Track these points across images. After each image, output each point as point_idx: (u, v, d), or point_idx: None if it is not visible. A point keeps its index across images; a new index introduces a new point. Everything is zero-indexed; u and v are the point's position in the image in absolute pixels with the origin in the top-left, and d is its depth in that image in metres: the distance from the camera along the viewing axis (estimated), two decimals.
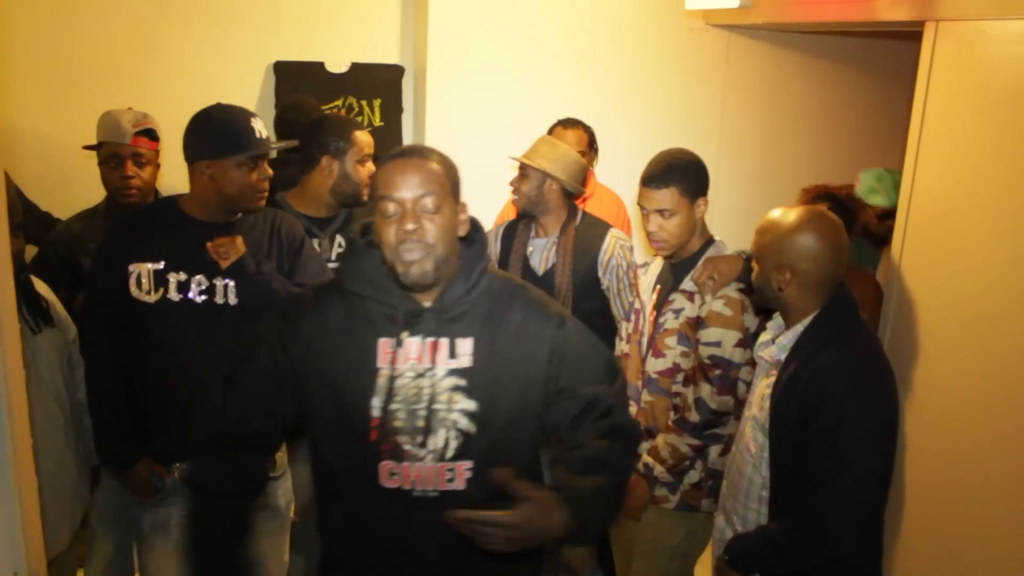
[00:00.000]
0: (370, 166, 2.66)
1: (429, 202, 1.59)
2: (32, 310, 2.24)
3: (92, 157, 2.78)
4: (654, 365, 2.39)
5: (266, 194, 2.31)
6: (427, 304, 1.66)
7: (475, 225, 1.74)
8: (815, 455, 1.88)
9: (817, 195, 2.82)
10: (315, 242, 2.59)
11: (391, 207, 1.59)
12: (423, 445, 1.64)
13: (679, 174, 2.30)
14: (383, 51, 3.80)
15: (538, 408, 1.72)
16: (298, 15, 3.64)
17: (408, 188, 1.59)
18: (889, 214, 3.11)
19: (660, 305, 2.41)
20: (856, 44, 4.19)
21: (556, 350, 1.70)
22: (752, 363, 2.28)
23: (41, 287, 2.34)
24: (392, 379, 1.64)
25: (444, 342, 1.66)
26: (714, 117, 4.03)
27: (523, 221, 3.00)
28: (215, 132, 2.23)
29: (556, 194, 2.90)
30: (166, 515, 2.34)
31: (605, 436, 1.70)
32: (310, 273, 2.41)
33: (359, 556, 1.74)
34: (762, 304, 2.10)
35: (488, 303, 1.70)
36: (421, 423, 1.64)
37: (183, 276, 2.23)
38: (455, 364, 1.65)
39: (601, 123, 3.47)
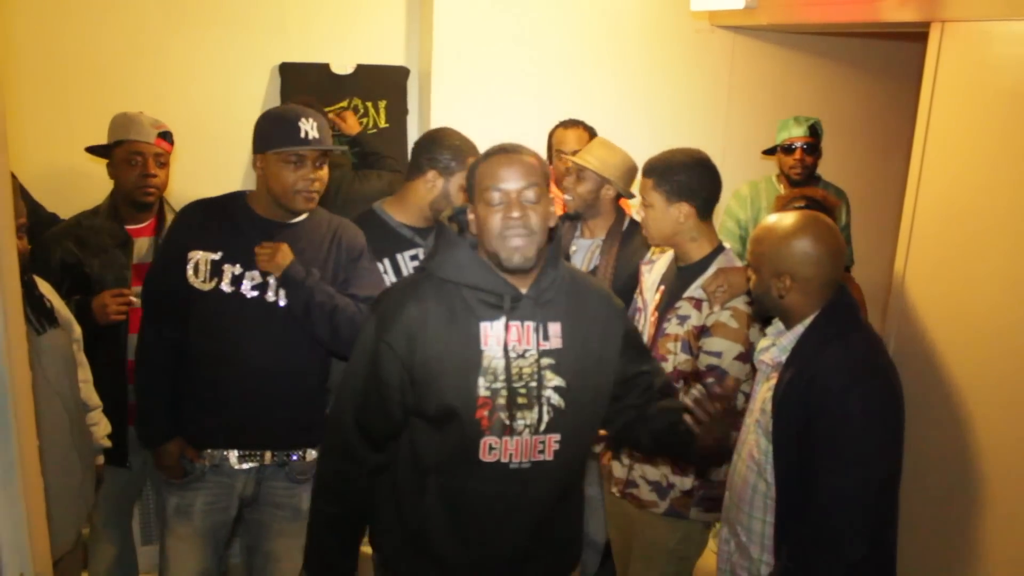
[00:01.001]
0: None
1: (531, 193, 1.75)
2: (36, 311, 2.24)
3: (98, 159, 2.78)
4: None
5: (314, 195, 2.33)
6: (523, 290, 1.81)
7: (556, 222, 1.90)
8: (819, 455, 1.87)
9: (792, 198, 2.80)
10: (419, 252, 2.62)
11: (496, 196, 1.74)
12: (522, 420, 1.79)
13: (661, 169, 2.34)
14: (388, 53, 3.80)
15: (610, 386, 1.92)
16: (303, 17, 3.64)
17: (513, 180, 1.74)
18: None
19: (665, 308, 2.39)
20: (862, 45, 4.18)
21: (626, 338, 1.94)
22: (751, 374, 2.27)
23: (44, 287, 2.34)
24: (496, 360, 1.78)
25: (539, 325, 1.81)
26: (719, 118, 4.02)
27: (568, 220, 2.99)
28: (266, 127, 2.31)
29: (610, 198, 2.91)
30: (191, 499, 2.39)
31: (666, 395, 2.02)
32: (365, 285, 2.41)
33: (451, 528, 1.87)
34: (762, 312, 2.09)
35: (567, 290, 1.87)
36: (521, 400, 1.78)
37: (238, 269, 2.30)
38: (548, 345, 1.81)
39: (606, 124, 3.47)
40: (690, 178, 2.32)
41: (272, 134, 2.29)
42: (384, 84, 3.78)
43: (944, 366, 2.69)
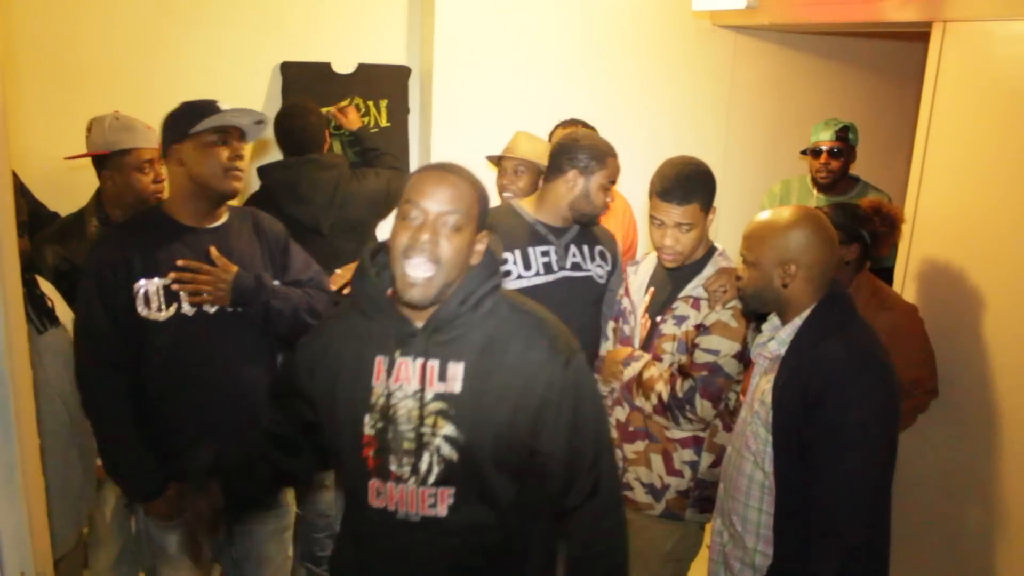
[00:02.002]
0: (612, 191, 2.63)
1: (452, 220, 1.56)
2: (37, 309, 2.23)
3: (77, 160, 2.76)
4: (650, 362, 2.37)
5: (240, 175, 2.21)
6: (419, 324, 1.63)
7: (488, 248, 1.69)
8: (818, 444, 1.90)
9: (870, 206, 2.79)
10: (551, 248, 2.59)
11: (414, 213, 1.56)
12: (408, 467, 1.63)
13: (700, 189, 2.27)
14: (390, 52, 3.80)
15: (524, 446, 1.65)
16: (305, 16, 3.65)
17: (436, 200, 1.56)
18: None
19: (660, 309, 2.38)
20: (863, 45, 4.18)
21: (554, 394, 1.63)
22: (742, 371, 2.27)
23: (45, 286, 2.33)
24: (384, 397, 1.63)
25: (435, 364, 1.62)
26: (721, 118, 4.02)
27: None
28: (178, 116, 2.18)
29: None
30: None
31: (597, 518, 1.71)
32: (302, 267, 2.41)
33: (356, 570, 1.78)
34: (757, 307, 2.09)
35: (491, 328, 1.64)
36: (408, 444, 1.62)
37: (183, 262, 2.17)
38: (443, 388, 1.62)
39: (607, 124, 3.47)
40: (712, 185, 2.33)
41: (186, 119, 2.15)
42: (385, 83, 3.78)
43: (945, 365, 2.68)
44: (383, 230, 3.55)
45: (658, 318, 2.37)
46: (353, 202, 3.22)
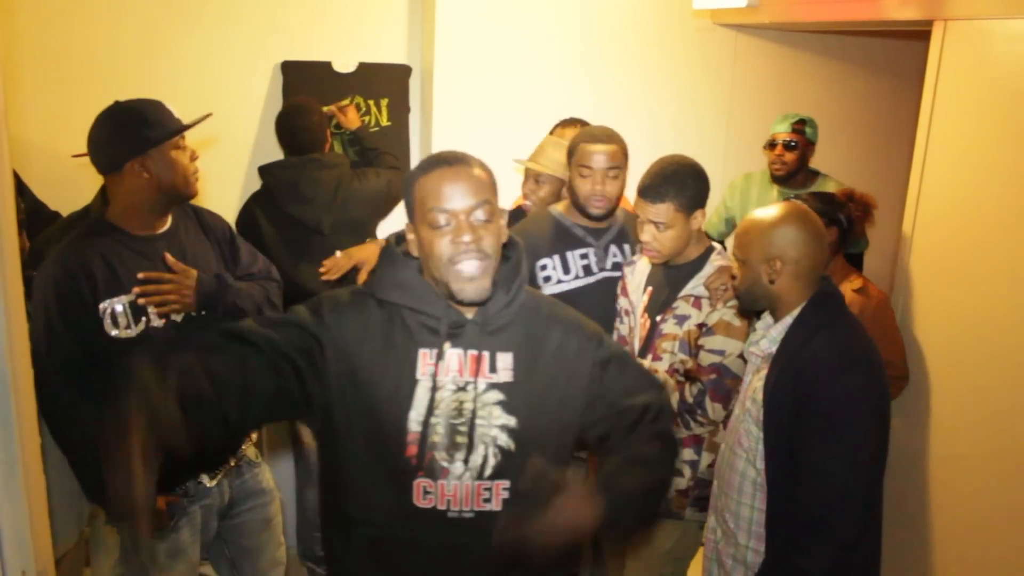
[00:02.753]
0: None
1: (483, 212, 1.52)
2: None
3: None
4: (650, 367, 2.37)
5: (199, 176, 2.20)
6: (469, 316, 1.59)
7: (511, 239, 1.67)
8: (808, 442, 1.91)
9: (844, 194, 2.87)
10: (590, 251, 2.63)
11: (442, 219, 1.51)
12: (462, 462, 1.57)
13: (675, 188, 2.27)
14: (390, 51, 3.80)
15: (576, 427, 1.68)
16: (305, 15, 3.64)
17: (460, 198, 1.51)
18: None
19: (659, 309, 2.38)
20: (864, 43, 4.17)
21: (599, 369, 1.67)
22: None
23: None
24: (432, 391, 1.57)
25: (485, 355, 1.59)
26: (721, 117, 4.02)
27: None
28: (138, 125, 2.09)
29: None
30: (179, 540, 2.27)
31: (655, 440, 1.70)
32: (253, 259, 2.41)
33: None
34: (750, 305, 2.11)
35: (526, 319, 1.64)
36: (461, 439, 1.57)
37: (144, 274, 2.12)
38: (496, 378, 1.59)
39: (608, 123, 3.44)
40: (698, 184, 2.32)
41: (150, 128, 2.08)
42: (386, 82, 3.78)
43: (946, 364, 2.68)
44: (383, 230, 3.56)
45: (658, 318, 2.36)
46: (354, 202, 3.23)
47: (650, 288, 2.43)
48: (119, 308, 2.07)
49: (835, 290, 2.05)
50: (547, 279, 2.63)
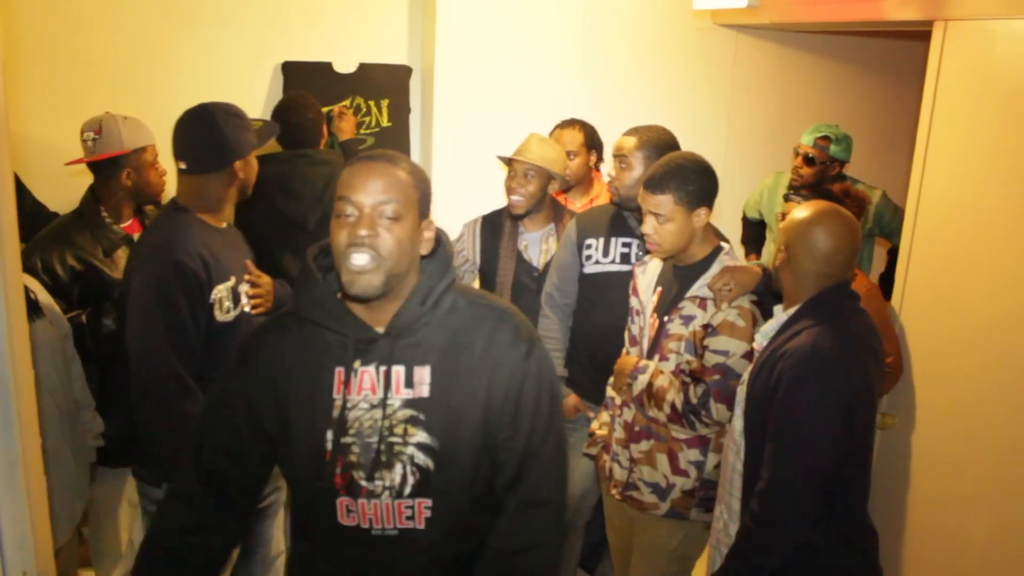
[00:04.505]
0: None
1: (389, 209, 1.48)
2: None
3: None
4: (656, 367, 2.37)
5: None
6: (380, 329, 1.55)
7: (440, 241, 1.63)
8: (770, 439, 1.94)
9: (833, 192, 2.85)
10: (634, 241, 2.77)
11: (348, 209, 1.49)
12: (379, 481, 1.55)
13: (677, 181, 2.26)
14: (391, 51, 3.80)
15: (498, 439, 1.61)
16: (306, 15, 3.65)
17: (368, 192, 1.48)
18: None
19: (667, 309, 2.38)
20: (864, 44, 4.17)
21: (515, 383, 1.59)
22: None
23: (28, 281, 2.31)
24: (345, 410, 1.55)
25: (400, 370, 1.55)
26: (722, 117, 4.02)
27: (509, 218, 3.02)
28: (246, 124, 2.29)
29: (554, 190, 3.04)
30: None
31: (529, 508, 1.61)
32: None
33: None
34: (775, 286, 2.16)
35: (453, 326, 1.58)
36: (376, 457, 1.55)
37: (244, 286, 2.31)
38: (411, 394, 1.55)
39: (608, 123, 3.47)
40: (702, 181, 2.30)
41: (247, 130, 2.28)
42: (386, 83, 3.78)
43: (946, 365, 2.68)
44: None
45: (665, 318, 2.37)
46: None
47: (659, 288, 2.43)
48: (224, 293, 2.22)
49: (841, 293, 2.03)
50: (588, 258, 2.83)
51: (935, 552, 2.73)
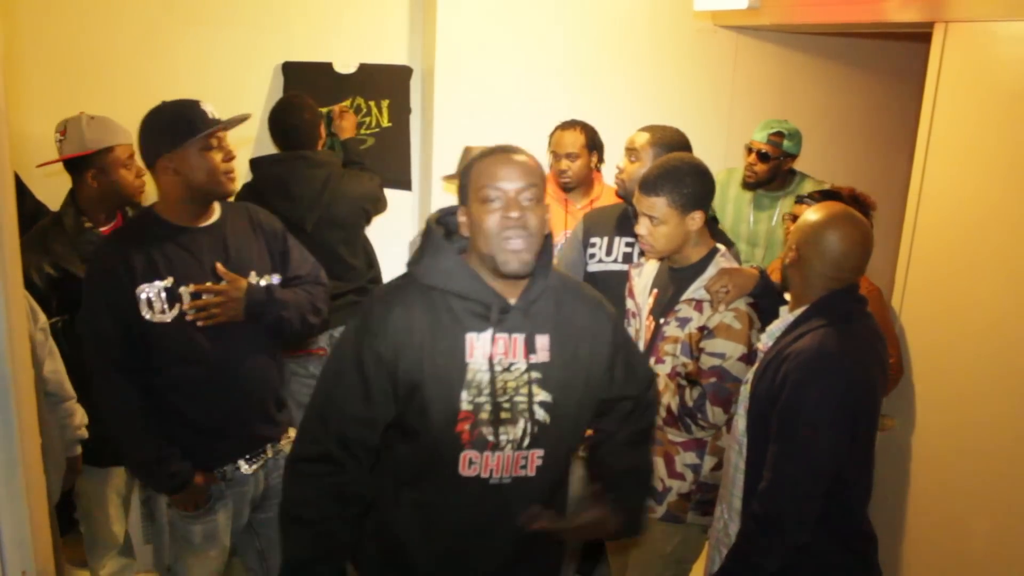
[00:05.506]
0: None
1: (530, 193, 1.67)
2: None
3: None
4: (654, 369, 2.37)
5: (235, 174, 2.25)
6: (512, 301, 1.73)
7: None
8: (772, 440, 1.94)
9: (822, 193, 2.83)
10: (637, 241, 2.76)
11: (494, 195, 1.66)
12: (504, 435, 1.73)
13: (671, 184, 2.26)
14: (391, 52, 3.80)
15: (600, 395, 1.86)
16: (306, 16, 3.65)
17: (512, 179, 1.67)
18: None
19: (663, 311, 2.38)
20: (865, 45, 4.17)
21: (615, 350, 1.86)
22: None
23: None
24: (481, 373, 1.71)
25: (523, 338, 1.74)
26: (722, 118, 4.02)
27: None
28: (165, 124, 2.17)
29: None
30: (214, 521, 2.33)
31: (639, 437, 1.96)
32: (301, 262, 2.45)
33: (427, 543, 1.81)
34: (783, 285, 2.16)
35: (555, 298, 1.79)
36: (505, 415, 1.72)
37: (192, 288, 2.20)
38: (535, 359, 1.74)
39: (609, 125, 3.47)
40: (697, 184, 2.30)
41: (178, 127, 2.16)
42: (387, 83, 3.78)
43: (946, 365, 2.68)
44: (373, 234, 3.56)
45: (661, 320, 2.36)
46: (342, 200, 3.23)
47: (655, 290, 2.43)
48: (154, 293, 2.16)
49: (848, 297, 2.03)
50: (592, 256, 2.85)
51: (935, 552, 2.73)
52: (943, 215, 2.69)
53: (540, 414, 1.74)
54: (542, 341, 1.75)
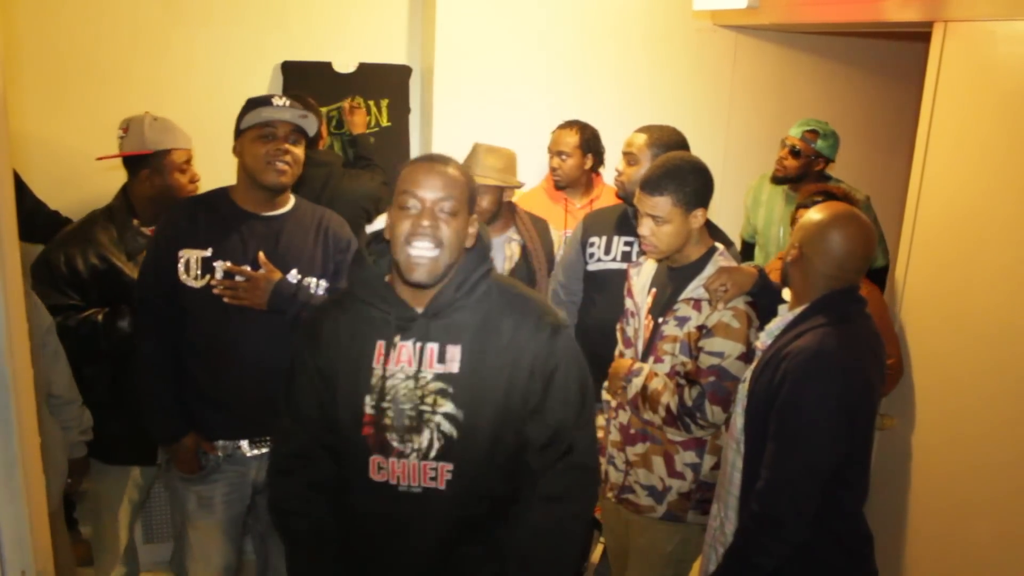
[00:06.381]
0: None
1: (447, 205, 1.68)
2: None
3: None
4: (651, 370, 2.37)
5: (285, 169, 2.33)
6: (419, 310, 1.75)
7: (479, 235, 1.82)
8: (771, 438, 1.94)
9: (816, 192, 2.83)
10: (636, 241, 2.71)
11: (411, 202, 1.68)
12: (409, 443, 1.74)
13: (675, 183, 2.26)
14: (391, 51, 3.80)
15: (521, 415, 1.79)
16: (306, 15, 3.65)
17: (431, 189, 1.68)
18: None
19: (661, 310, 2.38)
20: (864, 45, 4.18)
21: (540, 363, 1.76)
22: None
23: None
24: (384, 379, 1.74)
25: (434, 347, 1.74)
26: (721, 118, 4.02)
27: None
28: (243, 111, 2.35)
29: (509, 197, 3.05)
30: (211, 491, 2.43)
31: (566, 470, 1.81)
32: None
33: (356, 541, 1.86)
34: (784, 284, 2.16)
35: (485, 310, 1.77)
36: (408, 422, 1.73)
37: (229, 266, 2.32)
38: (442, 369, 1.74)
39: (608, 124, 3.47)
40: (699, 181, 2.29)
41: (242, 114, 2.34)
42: (386, 83, 3.78)
43: (945, 366, 2.68)
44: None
45: (660, 319, 2.36)
46: (342, 200, 3.23)
47: (654, 289, 2.43)
48: (192, 259, 2.32)
49: (848, 297, 2.03)
50: (591, 256, 2.87)
51: (935, 553, 2.73)
52: (942, 214, 2.69)
53: (445, 426, 1.74)
54: (452, 352, 1.74)
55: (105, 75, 3.36)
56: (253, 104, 2.34)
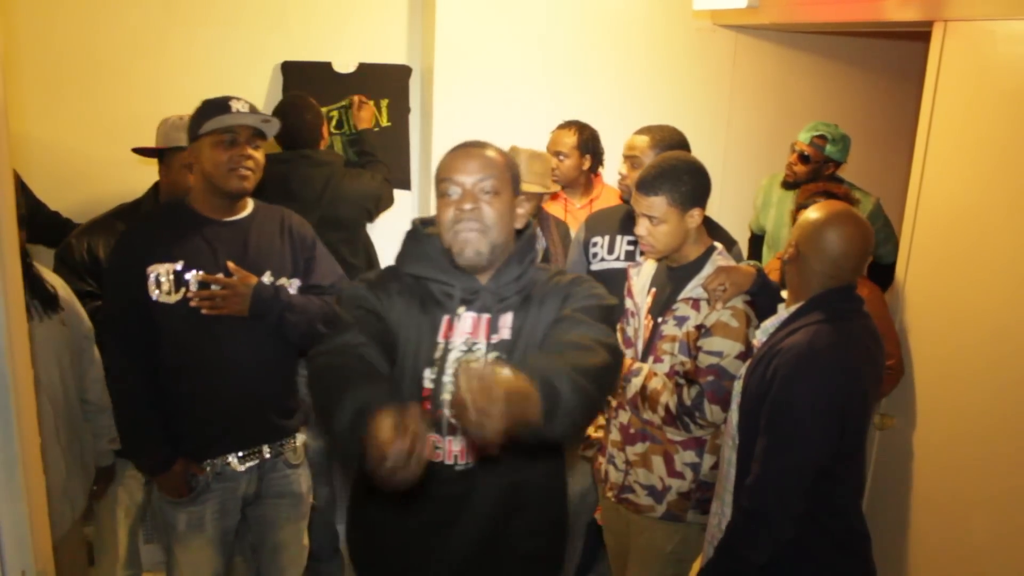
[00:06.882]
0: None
1: (487, 185, 1.69)
2: (36, 295, 2.20)
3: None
4: (651, 369, 2.37)
5: (247, 174, 2.27)
6: (483, 282, 1.76)
7: (529, 224, 1.84)
8: (761, 435, 1.95)
9: (816, 192, 2.83)
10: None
11: (451, 188, 1.70)
12: None
13: (670, 183, 2.25)
14: (390, 51, 3.80)
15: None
16: (305, 15, 3.65)
17: (468, 172, 1.69)
18: None
19: (661, 310, 2.38)
20: (864, 44, 4.17)
21: (567, 297, 1.77)
22: None
23: (50, 276, 2.32)
24: (446, 352, 1.73)
25: (489, 318, 1.75)
26: (721, 118, 4.02)
27: None
28: (196, 115, 2.27)
29: (543, 201, 3.07)
30: (201, 512, 2.36)
31: (595, 341, 1.66)
32: (325, 272, 2.46)
33: (404, 528, 1.82)
34: (783, 283, 2.17)
35: (531, 290, 1.79)
36: None
37: (202, 275, 2.24)
38: (496, 338, 1.74)
39: (608, 124, 3.47)
40: (694, 181, 2.29)
41: (199, 118, 2.25)
42: (386, 83, 3.78)
43: (946, 365, 2.68)
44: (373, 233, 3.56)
45: (659, 319, 2.36)
46: (343, 200, 3.23)
47: (653, 289, 2.43)
48: (163, 273, 2.22)
49: (845, 296, 2.03)
50: (594, 256, 2.87)
51: (936, 551, 2.73)
52: (943, 214, 2.69)
53: None
54: (504, 320, 1.75)
55: (105, 75, 3.36)
56: (211, 108, 2.25)
